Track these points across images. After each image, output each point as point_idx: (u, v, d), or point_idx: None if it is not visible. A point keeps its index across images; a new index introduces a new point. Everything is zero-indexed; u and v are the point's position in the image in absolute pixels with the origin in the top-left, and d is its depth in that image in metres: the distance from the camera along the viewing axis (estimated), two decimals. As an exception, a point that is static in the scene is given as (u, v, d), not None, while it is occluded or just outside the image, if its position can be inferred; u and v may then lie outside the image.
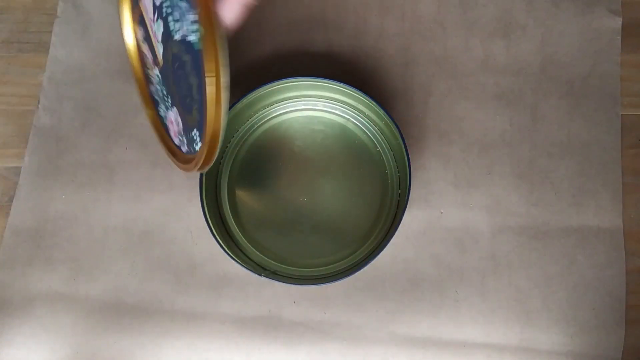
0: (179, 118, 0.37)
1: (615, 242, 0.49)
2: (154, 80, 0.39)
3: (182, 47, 0.33)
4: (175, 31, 0.33)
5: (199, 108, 0.33)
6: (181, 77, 0.34)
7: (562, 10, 0.54)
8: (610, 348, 0.47)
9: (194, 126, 0.35)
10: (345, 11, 0.55)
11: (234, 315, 0.49)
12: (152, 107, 0.43)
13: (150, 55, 0.39)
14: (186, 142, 0.38)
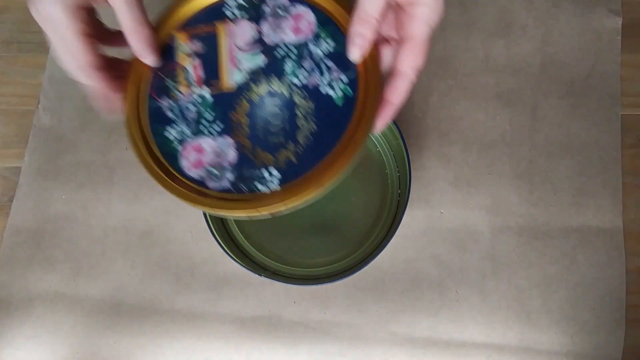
0: (232, 151, 0.36)
1: (615, 242, 0.49)
2: (184, 98, 0.37)
3: (302, 93, 0.35)
4: (294, 75, 0.36)
5: (304, 153, 0.34)
6: (278, 116, 0.35)
7: (562, 10, 0.54)
8: (610, 348, 0.47)
9: (269, 165, 0.34)
10: (345, 11, 0.55)
11: (234, 315, 0.49)
12: (139, 121, 0.38)
13: (197, 73, 0.38)
14: (233, 177, 0.35)
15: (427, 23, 0.33)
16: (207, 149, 0.36)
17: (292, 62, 0.36)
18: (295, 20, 0.37)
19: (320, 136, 0.34)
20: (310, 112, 0.35)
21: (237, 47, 0.37)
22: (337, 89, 0.35)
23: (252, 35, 0.37)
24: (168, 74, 0.38)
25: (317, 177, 0.33)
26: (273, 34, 0.37)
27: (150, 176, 0.36)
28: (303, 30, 0.37)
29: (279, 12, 0.37)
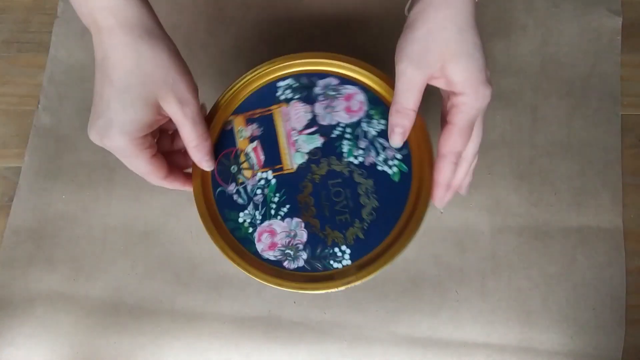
0: (302, 231, 0.38)
1: (615, 242, 0.49)
2: (249, 182, 0.39)
3: (360, 171, 0.38)
4: (351, 154, 0.38)
5: (369, 229, 0.37)
6: (341, 195, 0.38)
7: (562, 10, 0.54)
8: (611, 348, 0.47)
9: (340, 242, 0.37)
10: (345, 11, 0.55)
11: (233, 315, 0.49)
12: (209, 209, 0.39)
13: (258, 156, 0.40)
14: (306, 256, 0.37)
15: (467, 111, 0.34)
16: (279, 231, 0.38)
17: (348, 142, 0.39)
18: (347, 100, 0.40)
19: (383, 212, 0.37)
20: (370, 190, 0.38)
21: (293, 129, 0.39)
22: (393, 166, 0.38)
23: (307, 116, 0.40)
24: (231, 160, 0.40)
25: (386, 252, 0.36)
26: (327, 114, 0.40)
27: (232, 263, 0.37)
28: (355, 110, 0.39)
29: (330, 92, 0.40)
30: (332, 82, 0.40)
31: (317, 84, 0.40)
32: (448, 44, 0.33)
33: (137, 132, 0.33)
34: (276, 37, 0.55)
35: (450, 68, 0.33)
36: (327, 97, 0.40)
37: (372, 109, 0.39)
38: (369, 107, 0.39)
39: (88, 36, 0.55)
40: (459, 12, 0.33)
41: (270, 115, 0.40)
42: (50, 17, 0.57)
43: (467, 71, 0.33)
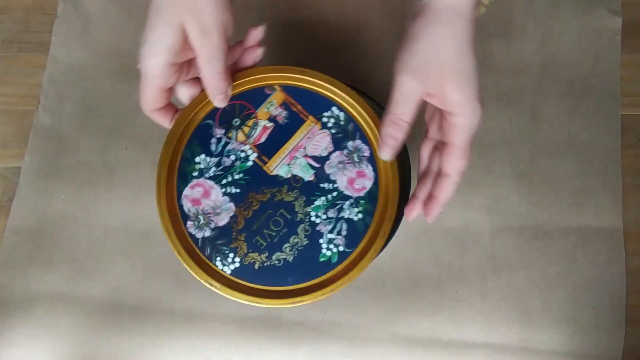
0: (226, 217, 0.39)
1: (615, 242, 0.49)
2: (233, 144, 0.40)
3: (308, 228, 0.39)
4: (314, 211, 0.40)
5: (265, 267, 0.39)
6: (278, 225, 0.39)
7: (562, 11, 0.54)
8: (610, 348, 0.47)
9: (239, 254, 0.39)
10: (345, 11, 0.55)
11: (233, 315, 0.49)
12: (182, 136, 0.40)
13: (260, 136, 0.40)
14: (209, 235, 0.39)
15: (466, 131, 0.35)
16: (212, 198, 0.39)
17: (324, 201, 0.40)
18: (357, 175, 0.40)
19: (297, 266, 0.39)
20: (298, 245, 0.39)
21: (303, 149, 0.40)
22: (330, 250, 0.39)
23: (322, 152, 0.40)
24: (242, 115, 0.40)
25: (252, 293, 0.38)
26: (335, 168, 0.40)
27: (158, 209, 0.38)
28: (355, 189, 0.40)
29: (354, 156, 0.40)
30: (364, 151, 0.40)
31: (354, 140, 0.40)
32: (449, 61, 0.33)
33: (165, 55, 0.34)
34: (276, 37, 0.55)
35: (449, 86, 0.33)
36: (349, 156, 0.40)
37: (366, 199, 0.40)
38: (366, 195, 0.40)
39: (88, 36, 0.55)
40: (460, 31, 0.34)
41: (302, 121, 0.40)
42: (50, 17, 0.57)
43: (465, 92, 0.33)
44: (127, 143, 0.53)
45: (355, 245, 0.39)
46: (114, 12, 0.56)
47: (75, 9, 0.56)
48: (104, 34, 0.56)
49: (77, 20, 0.56)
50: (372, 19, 0.55)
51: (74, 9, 0.56)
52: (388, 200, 0.39)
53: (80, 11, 0.56)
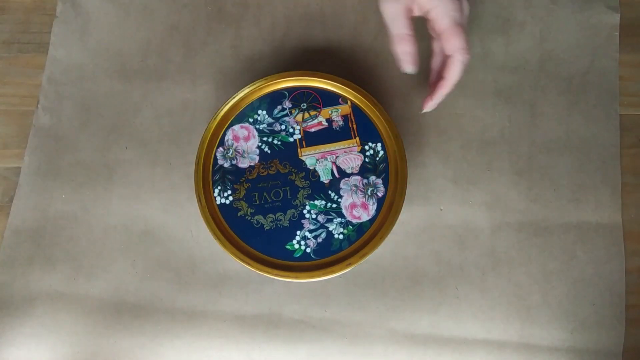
0: (252, 157, 0.46)
1: (615, 238, 0.49)
2: (292, 120, 0.47)
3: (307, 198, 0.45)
4: (312, 208, 0.45)
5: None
6: (279, 195, 0.45)
7: (560, 7, 0.54)
8: (611, 343, 0.47)
9: None
10: (343, 8, 0.55)
11: (234, 314, 0.49)
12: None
13: (312, 126, 0.47)
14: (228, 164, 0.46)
15: (446, 15, 0.43)
16: (249, 143, 0.46)
17: (321, 205, 0.44)
18: (361, 205, 0.44)
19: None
20: (281, 224, 0.44)
21: (335, 156, 0.45)
22: (302, 245, 0.43)
23: (346, 169, 0.45)
24: (310, 104, 0.47)
25: None
26: (348, 186, 0.45)
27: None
28: (351, 213, 0.44)
29: (368, 190, 0.44)
30: (379, 192, 0.44)
31: (377, 177, 0.45)
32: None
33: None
34: (276, 37, 0.55)
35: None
36: (365, 187, 0.44)
37: (352, 229, 0.43)
38: (355, 228, 0.44)
39: (87, 36, 0.56)
40: None
41: (349, 137, 0.46)
42: (50, 17, 0.57)
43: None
44: (126, 142, 0.53)
45: (321, 256, 0.43)
46: (113, 12, 0.56)
47: (74, 9, 0.56)
48: (103, 34, 0.56)
49: (76, 20, 0.56)
50: (371, 15, 0.55)
51: (73, 9, 0.56)
52: (367, 244, 0.43)
53: (79, 11, 0.56)
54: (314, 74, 0.47)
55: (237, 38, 0.55)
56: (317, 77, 0.47)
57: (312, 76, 0.47)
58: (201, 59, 0.55)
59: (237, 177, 0.45)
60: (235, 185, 0.44)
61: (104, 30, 0.56)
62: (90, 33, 0.56)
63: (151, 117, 0.53)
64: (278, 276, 0.42)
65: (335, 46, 0.55)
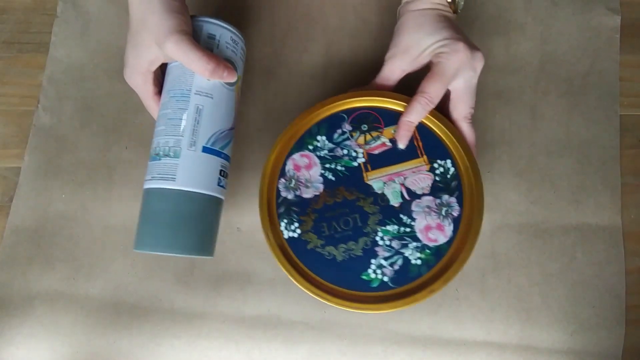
0: (316, 187, 0.44)
1: (614, 240, 0.49)
2: (354, 144, 0.45)
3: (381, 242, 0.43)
4: (382, 233, 0.43)
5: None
6: (348, 224, 0.43)
7: (561, 9, 0.54)
8: (611, 345, 0.47)
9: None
10: (344, 10, 0.55)
11: (233, 314, 0.49)
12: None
13: (377, 146, 0.44)
14: (292, 197, 0.44)
15: (461, 78, 0.43)
16: (311, 171, 0.44)
17: (394, 230, 0.43)
18: (437, 226, 0.42)
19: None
20: (354, 253, 0.42)
21: (403, 178, 0.43)
22: (379, 274, 0.42)
23: (416, 190, 0.43)
24: (371, 125, 0.45)
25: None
26: (420, 208, 0.43)
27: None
28: (427, 236, 0.42)
29: (443, 210, 0.43)
30: (455, 211, 0.43)
31: (451, 196, 0.43)
32: (410, 34, 0.44)
33: (141, 68, 0.42)
34: (276, 37, 0.55)
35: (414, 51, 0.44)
36: (439, 207, 0.43)
37: (430, 253, 0.42)
38: (433, 251, 0.42)
39: (87, 36, 0.56)
40: (425, 21, 0.44)
41: (416, 156, 0.44)
42: (50, 17, 0.57)
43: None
44: (126, 142, 0.53)
45: (400, 284, 0.41)
46: (113, 12, 0.56)
47: (74, 9, 0.56)
48: (103, 34, 0.56)
49: (76, 20, 0.56)
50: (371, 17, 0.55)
51: (74, 9, 0.56)
52: (448, 267, 0.41)
53: (80, 11, 0.56)
54: (372, 92, 0.45)
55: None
56: (375, 97, 0.45)
57: (370, 95, 0.45)
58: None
59: (302, 208, 0.43)
60: (302, 217, 0.43)
61: (104, 30, 0.56)
62: (90, 33, 0.56)
63: (151, 117, 0.53)
64: (359, 309, 0.40)
65: (336, 48, 0.54)
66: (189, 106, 0.41)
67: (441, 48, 0.42)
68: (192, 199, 0.40)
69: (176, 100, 0.42)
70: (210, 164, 0.41)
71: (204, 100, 0.42)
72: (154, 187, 0.41)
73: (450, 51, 0.42)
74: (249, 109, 0.53)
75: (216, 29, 0.43)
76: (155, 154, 0.42)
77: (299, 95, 0.53)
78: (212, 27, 0.43)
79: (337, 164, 0.44)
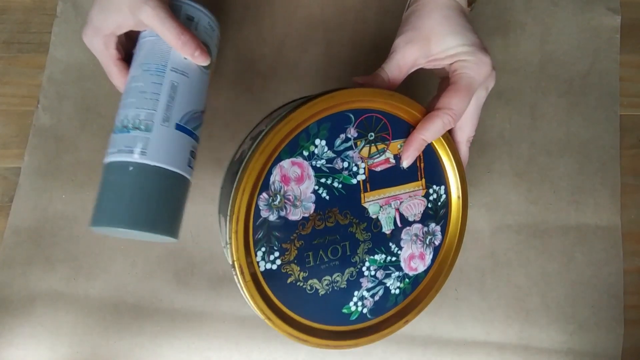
0: (305, 207, 0.35)
1: (614, 240, 0.49)
2: (356, 156, 0.37)
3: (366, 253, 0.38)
4: (371, 261, 0.39)
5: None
6: (337, 253, 0.37)
7: (561, 9, 0.54)
8: (609, 345, 0.47)
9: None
10: (344, 10, 0.55)
11: (233, 314, 0.49)
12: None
13: (382, 162, 0.38)
14: (275, 218, 0.35)
15: (468, 76, 0.38)
16: (302, 186, 0.35)
17: (381, 260, 0.38)
18: (419, 255, 0.40)
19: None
20: (338, 286, 0.38)
21: (399, 202, 0.38)
22: (360, 306, 0.38)
23: (409, 217, 0.39)
24: (378, 134, 0.37)
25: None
26: (409, 236, 0.39)
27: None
28: (409, 265, 0.40)
29: (427, 238, 0.40)
30: (437, 240, 0.40)
31: (437, 224, 0.40)
32: (433, 27, 0.38)
33: (106, 30, 0.40)
34: (275, 37, 0.55)
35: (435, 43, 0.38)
36: (424, 235, 0.40)
37: (408, 282, 0.40)
38: (411, 280, 0.40)
39: (87, 36, 0.56)
40: (446, 13, 0.38)
41: (416, 178, 0.39)
42: (50, 17, 0.57)
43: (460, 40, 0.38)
44: None
45: (377, 315, 0.39)
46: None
47: (74, 9, 0.56)
48: (103, 34, 0.56)
49: (76, 20, 0.56)
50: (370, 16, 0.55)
51: (73, 9, 0.56)
52: (423, 297, 0.39)
53: (80, 11, 0.56)
54: (388, 94, 0.36)
55: (238, 39, 0.55)
56: (392, 101, 0.36)
57: (383, 97, 0.36)
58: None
59: (286, 234, 0.34)
60: (284, 245, 0.34)
61: (104, 31, 0.56)
62: (90, 33, 0.56)
63: None
64: (338, 347, 0.37)
65: (336, 48, 0.54)
66: (164, 82, 0.39)
67: (465, 55, 0.37)
68: (163, 175, 0.38)
69: (150, 74, 0.40)
70: (182, 142, 0.39)
71: (180, 77, 0.40)
72: (120, 160, 0.38)
73: (477, 62, 0.37)
74: (249, 110, 0.53)
75: (195, 12, 0.43)
76: (123, 126, 0.39)
77: (299, 95, 0.53)
78: (191, 10, 0.42)
79: (335, 180, 0.36)
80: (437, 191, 0.40)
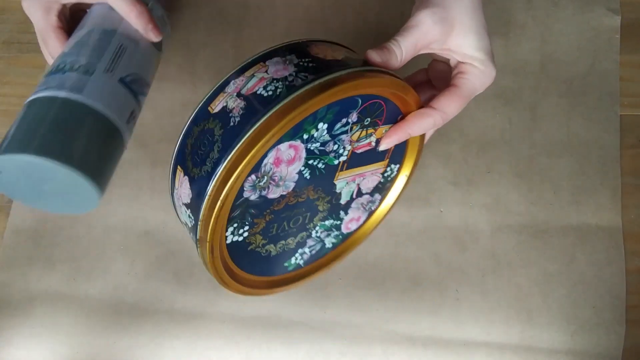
0: (287, 185, 0.35)
1: (615, 240, 0.49)
2: (346, 141, 0.35)
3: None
4: (320, 220, 0.41)
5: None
6: (297, 221, 0.39)
7: (561, 9, 0.54)
8: (611, 346, 0.47)
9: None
10: (344, 10, 0.55)
11: (233, 315, 0.49)
12: None
13: (363, 146, 0.37)
14: (258, 195, 0.34)
15: (472, 81, 0.37)
16: (291, 167, 0.33)
17: (329, 224, 0.42)
18: (357, 218, 0.44)
19: None
20: (288, 247, 0.41)
21: (362, 178, 0.40)
22: (299, 258, 0.43)
23: (364, 190, 0.41)
24: (374, 119, 0.36)
25: None
26: (357, 205, 0.42)
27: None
28: (346, 225, 0.43)
29: (368, 205, 0.43)
30: (374, 206, 0.44)
31: (380, 194, 0.43)
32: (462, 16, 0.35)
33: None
34: (276, 37, 0.55)
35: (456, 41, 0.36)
36: (367, 203, 0.43)
37: (338, 236, 0.44)
38: (343, 236, 0.44)
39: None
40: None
41: (383, 158, 0.40)
42: (50, 17, 0.57)
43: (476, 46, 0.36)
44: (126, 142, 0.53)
45: (308, 264, 0.43)
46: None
47: (75, 9, 0.56)
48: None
49: (76, 20, 0.56)
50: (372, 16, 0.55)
51: (74, 9, 0.56)
52: (348, 247, 0.44)
53: (80, 11, 0.56)
54: (405, 88, 0.35)
55: (238, 39, 0.55)
56: (403, 93, 0.35)
57: (401, 91, 0.34)
58: (201, 59, 0.55)
59: (261, 211, 0.34)
60: (256, 220, 0.35)
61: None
62: (90, 33, 0.56)
63: (151, 117, 0.53)
64: (273, 292, 0.42)
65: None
66: (112, 41, 0.36)
67: (478, 62, 0.36)
68: (94, 117, 0.33)
69: (97, 34, 0.36)
70: (124, 96, 0.35)
71: (129, 42, 0.37)
72: (49, 95, 0.32)
73: (485, 72, 0.36)
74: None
75: (149, 1, 0.41)
76: (58, 69, 0.34)
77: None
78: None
79: (320, 161, 0.35)
80: (393, 169, 0.42)
